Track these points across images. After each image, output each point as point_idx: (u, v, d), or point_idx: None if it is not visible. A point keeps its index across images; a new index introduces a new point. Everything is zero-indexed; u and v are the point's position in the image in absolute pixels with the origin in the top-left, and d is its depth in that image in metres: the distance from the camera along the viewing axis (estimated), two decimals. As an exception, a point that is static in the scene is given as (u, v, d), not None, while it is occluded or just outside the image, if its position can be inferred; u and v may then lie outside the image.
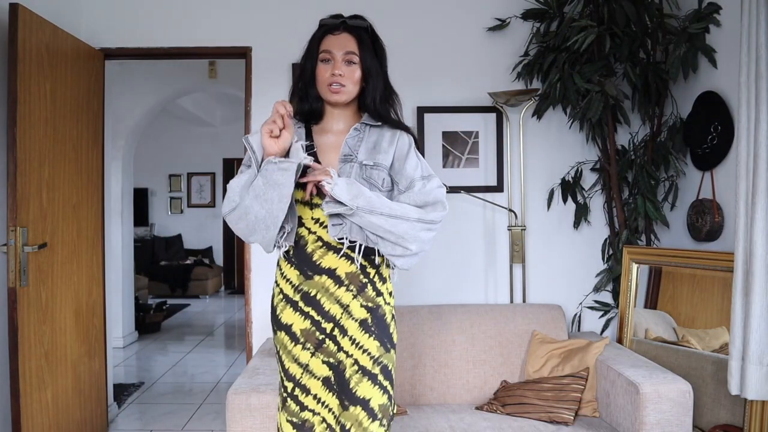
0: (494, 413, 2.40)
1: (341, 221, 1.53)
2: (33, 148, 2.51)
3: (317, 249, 1.58)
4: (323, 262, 1.57)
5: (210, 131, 8.49)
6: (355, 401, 1.53)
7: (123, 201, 5.09)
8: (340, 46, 1.58)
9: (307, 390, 1.58)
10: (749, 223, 2.00)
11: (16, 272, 2.38)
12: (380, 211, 1.50)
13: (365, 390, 1.54)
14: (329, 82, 1.58)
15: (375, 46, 1.64)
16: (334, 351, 1.57)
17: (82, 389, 2.88)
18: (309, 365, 1.58)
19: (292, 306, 1.59)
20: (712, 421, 2.30)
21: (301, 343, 1.58)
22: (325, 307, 1.56)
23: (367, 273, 1.59)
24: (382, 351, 1.57)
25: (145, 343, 5.44)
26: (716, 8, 2.44)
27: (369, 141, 1.63)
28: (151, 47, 3.00)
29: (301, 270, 1.59)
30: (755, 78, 1.98)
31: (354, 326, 1.57)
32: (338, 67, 1.57)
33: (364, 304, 1.58)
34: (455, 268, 3.00)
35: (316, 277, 1.57)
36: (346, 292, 1.57)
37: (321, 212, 1.56)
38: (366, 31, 1.63)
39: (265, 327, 2.92)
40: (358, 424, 1.52)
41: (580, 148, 2.99)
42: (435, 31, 3.00)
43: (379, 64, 1.64)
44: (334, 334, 1.57)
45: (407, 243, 1.52)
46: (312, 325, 1.57)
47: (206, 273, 8.03)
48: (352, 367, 1.55)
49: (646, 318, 2.70)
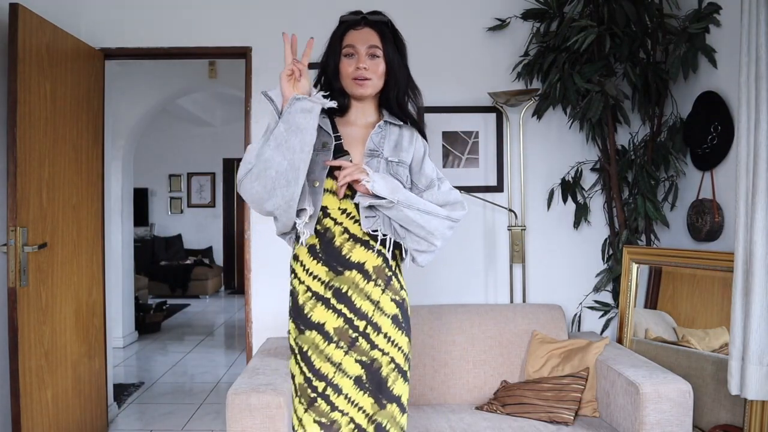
0: (494, 413, 2.40)
1: (374, 214, 1.55)
2: (33, 148, 2.51)
3: (345, 242, 1.57)
4: (352, 256, 1.57)
5: (210, 131, 8.49)
6: (391, 399, 1.56)
7: (123, 201, 5.09)
8: (363, 40, 1.60)
9: (339, 389, 1.55)
10: (749, 223, 2.00)
11: (16, 272, 2.38)
12: (416, 206, 1.55)
13: (400, 388, 1.58)
14: (354, 76, 1.60)
15: (396, 40, 1.66)
16: (367, 349, 1.56)
17: (82, 389, 2.88)
18: (342, 364, 1.55)
19: (324, 303, 1.57)
20: (712, 421, 2.30)
21: (334, 342, 1.55)
22: (356, 304, 1.56)
23: (390, 266, 1.61)
24: (409, 346, 1.63)
25: (145, 343, 5.44)
26: (716, 8, 2.44)
27: (391, 139, 1.66)
28: (151, 47, 3.00)
29: (329, 266, 1.57)
30: (755, 78, 1.98)
31: (387, 323, 1.58)
32: (362, 60, 1.59)
33: (393, 298, 1.60)
34: (455, 268, 3.00)
35: (346, 273, 1.56)
36: (375, 287, 1.57)
37: (349, 203, 1.58)
38: (386, 26, 1.65)
39: (265, 327, 2.92)
40: (393, 420, 1.56)
41: (580, 148, 2.99)
42: (435, 31, 3.00)
43: (401, 58, 1.66)
44: (366, 332, 1.56)
45: (434, 239, 1.58)
46: (345, 323, 1.56)
47: (206, 273, 8.03)
48: (389, 365, 1.57)
49: (646, 318, 2.70)
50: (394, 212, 1.54)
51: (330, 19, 3.10)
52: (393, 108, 1.69)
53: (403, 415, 1.59)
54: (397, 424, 1.57)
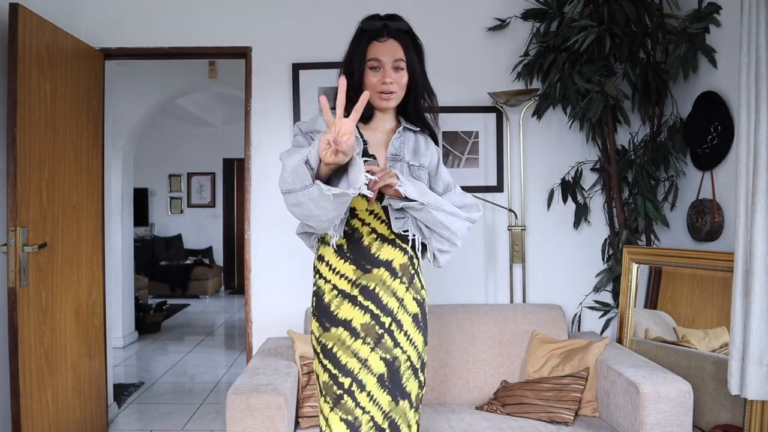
0: (494, 413, 2.40)
1: (403, 215, 1.59)
2: (33, 148, 2.51)
3: (373, 241, 1.60)
4: (381, 254, 1.60)
5: (210, 131, 8.49)
6: (404, 396, 1.59)
7: (123, 201, 5.09)
8: (388, 54, 1.59)
9: (363, 386, 1.55)
10: (749, 223, 2.00)
11: (16, 272, 2.38)
12: (443, 208, 1.59)
13: (412, 385, 1.61)
14: (380, 90, 1.60)
15: (415, 46, 1.67)
16: (391, 347, 1.58)
17: (82, 389, 2.88)
18: (368, 360, 1.56)
19: (351, 301, 1.58)
20: (712, 421, 2.30)
21: (361, 338, 1.56)
22: (383, 300, 1.58)
23: (413, 263, 1.65)
24: (424, 346, 1.65)
25: (145, 343, 5.44)
26: (716, 8, 2.44)
27: (409, 144, 1.70)
28: (151, 47, 3.00)
29: (357, 264, 1.59)
30: (755, 78, 1.98)
31: (408, 321, 1.61)
32: (388, 74, 1.59)
33: (415, 297, 1.63)
34: (455, 268, 3.00)
35: (374, 270, 1.59)
36: (400, 285, 1.61)
37: (375, 205, 1.61)
38: (407, 34, 1.65)
39: (265, 327, 2.92)
40: (404, 416, 1.60)
41: (580, 148, 2.99)
42: (435, 31, 2.99)
43: (420, 63, 1.68)
44: (391, 329, 1.58)
45: (457, 239, 1.63)
46: (372, 319, 1.57)
47: (206, 273, 8.03)
48: (406, 363, 1.60)
49: (646, 318, 2.70)
50: (423, 214, 1.57)
51: (330, 19, 3.11)
52: (410, 115, 1.71)
53: (411, 410, 1.62)
54: (406, 420, 1.60)
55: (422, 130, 1.73)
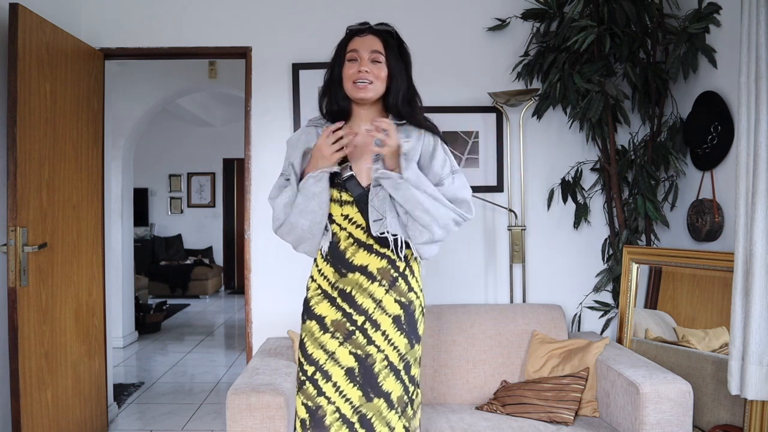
0: (494, 413, 2.40)
1: (381, 217, 1.60)
2: (33, 148, 2.51)
3: (349, 246, 1.66)
4: (356, 260, 1.65)
5: (210, 131, 8.49)
6: (379, 394, 1.61)
7: (123, 201, 5.09)
8: (366, 46, 1.66)
9: (329, 376, 1.62)
10: (749, 223, 2.00)
11: (16, 272, 2.38)
12: (424, 188, 1.59)
13: (390, 384, 1.62)
14: (355, 79, 1.64)
15: (400, 49, 1.72)
16: (364, 344, 1.62)
17: (82, 389, 2.88)
18: (335, 353, 1.63)
19: (329, 300, 1.67)
20: (712, 421, 2.30)
21: (330, 332, 1.64)
22: (358, 301, 1.64)
23: (397, 267, 1.66)
24: (408, 348, 1.66)
25: (145, 343, 5.44)
26: (716, 8, 2.44)
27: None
28: (151, 47, 3.00)
29: (336, 268, 1.67)
30: (755, 78, 1.98)
31: (388, 321, 1.64)
32: (365, 64, 1.64)
33: (397, 299, 1.64)
34: (455, 268, 3.00)
35: (350, 275, 1.65)
36: (379, 287, 1.64)
37: (351, 209, 1.64)
38: (391, 35, 1.71)
39: (265, 327, 2.92)
40: (379, 413, 1.60)
41: (580, 148, 2.99)
42: (435, 31, 3.00)
43: (404, 66, 1.71)
44: (365, 327, 1.63)
45: (435, 227, 1.61)
46: (344, 317, 1.64)
47: (206, 273, 8.03)
48: (382, 362, 1.62)
49: (646, 318, 2.70)
50: (401, 192, 1.57)
51: (330, 19, 3.11)
52: (394, 114, 1.73)
53: (391, 411, 1.61)
54: (383, 420, 1.60)
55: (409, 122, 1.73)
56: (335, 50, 1.72)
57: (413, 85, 1.75)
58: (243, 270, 3.07)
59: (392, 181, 1.57)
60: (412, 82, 1.74)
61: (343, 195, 1.65)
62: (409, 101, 1.72)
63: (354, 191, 1.64)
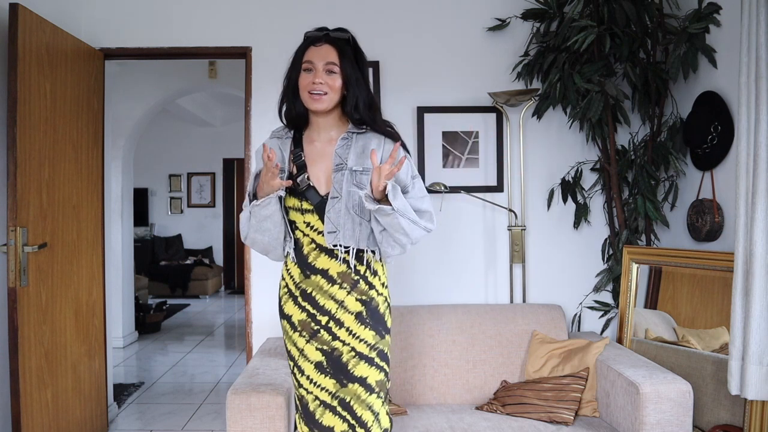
0: (494, 413, 2.40)
1: (335, 230, 1.67)
2: (33, 148, 2.51)
3: (311, 251, 1.74)
4: (317, 263, 1.73)
5: (210, 131, 8.49)
6: (353, 379, 1.69)
7: (123, 201, 5.09)
8: (321, 56, 1.69)
9: (302, 371, 1.74)
10: (749, 223, 2.00)
11: (16, 272, 2.38)
12: (408, 216, 1.64)
13: (362, 370, 1.69)
14: (309, 89, 1.69)
15: (356, 56, 1.75)
16: (329, 340, 1.71)
17: (82, 389, 2.88)
18: (304, 350, 1.73)
19: (293, 299, 1.76)
20: (712, 421, 2.30)
21: (298, 331, 1.74)
22: (320, 302, 1.72)
23: (357, 271, 1.73)
24: (377, 338, 1.73)
25: (145, 343, 5.44)
26: (716, 8, 2.44)
27: (357, 147, 1.74)
28: (151, 47, 3.00)
29: (301, 269, 1.75)
30: (755, 78, 1.98)
31: (350, 319, 1.71)
32: (319, 75, 1.69)
33: (358, 298, 1.72)
34: (455, 268, 3.00)
35: (312, 277, 1.73)
36: (340, 290, 1.71)
37: (312, 217, 1.72)
38: (347, 43, 1.74)
39: (265, 327, 2.93)
40: (357, 397, 1.68)
41: (580, 148, 2.99)
42: (435, 31, 3.00)
43: (360, 73, 1.74)
44: (329, 326, 1.71)
45: (408, 245, 1.70)
46: (308, 317, 1.73)
47: (206, 273, 8.03)
48: (350, 353, 1.70)
49: (646, 318, 2.70)
50: (389, 219, 1.62)
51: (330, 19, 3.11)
52: (354, 118, 1.75)
53: (371, 395, 1.69)
54: (362, 403, 1.67)
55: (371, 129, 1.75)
56: (293, 57, 1.76)
57: (371, 93, 1.78)
58: (243, 270, 3.07)
59: (384, 212, 1.61)
60: (370, 89, 1.78)
61: (304, 204, 1.71)
62: (369, 107, 1.74)
63: (313, 200, 1.71)
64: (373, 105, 1.76)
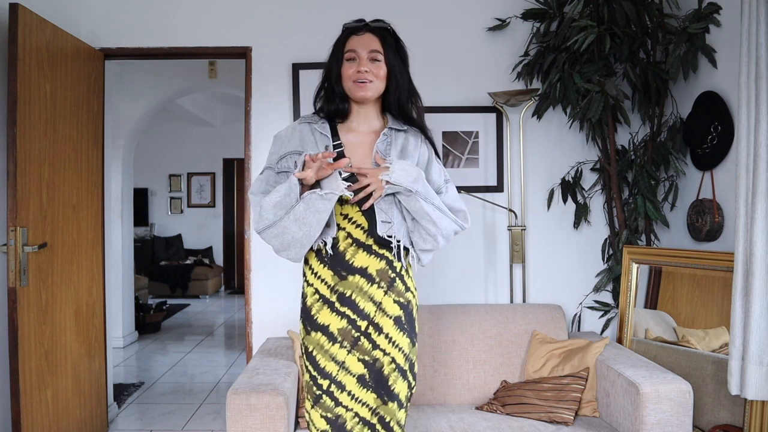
0: (494, 413, 2.40)
1: (389, 220, 1.60)
2: (33, 148, 2.51)
3: (348, 247, 1.62)
4: (356, 261, 1.61)
5: (210, 131, 8.49)
6: (393, 398, 1.61)
7: (123, 201, 5.09)
8: (364, 45, 1.65)
9: (343, 386, 1.61)
10: (749, 223, 2.00)
11: (16, 272, 2.38)
12: (432, 201, 1.60)
13: (400, 386, 1.63)
14: (355, 78, 1.64)
15: (397, 46, 1.71)
16: (369, 349, 1.61)
17: (82, 389, 2.88)
18: (345, 362, 1.61)
19: (329, 306, 1.62)
20: (712, 421, 2.30)
21: (338, 342, 1.61)
22: (360, 305, 1.61)
23: (394, 267, 1.64)
24: (411, 347, 1.66)
25: (145, 343, 5.44)
26: (716, 8, 2.44)
27: (397, 144, 1.70)
28: (151, 47, 3.00)
29: (335, 270, 1.62)
30: (755, 78, 1.98)
31: (389, 324, 1.62)
32: (364, 63, 1.63)
33: (396, 300, 1.63)
34: (455, 268, 3.00)
35: (350, 278, 1.61)
36: (378, 289, 1.62)
37: (350, 208, 1.62)
38: (388, 32, 1.69)
39: (265, 327, 2.93)
40: (394, 415, 1.62)
41: (580, 148, 2.99)
42: (435, 31, 3.00)
43: (402, 64, 1.70)
44: (368, 332, 1.61)
45: (440, 238, 1.64)
46: (348, 323, 1.61)
47: (206, 273, 8.03)
48: (390, 365, 1.61)
49: (646, 318, 2.70)
50: (412, 202, 1.59)
51: (330, 19, 3.11)
52: (395, 112, 1.72)
53: (401, 410, 1.64)
54: (398, 424, 1.63)
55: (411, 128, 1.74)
56: (332, 49, 1.71)
57: (413, 85, 1.74)
58: (243, 270, 3.07)
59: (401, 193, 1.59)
60: (412, 81, 1.74)
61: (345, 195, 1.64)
62: (409, 100, 1.72)
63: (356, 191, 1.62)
64: (414, 97, 1.73)
